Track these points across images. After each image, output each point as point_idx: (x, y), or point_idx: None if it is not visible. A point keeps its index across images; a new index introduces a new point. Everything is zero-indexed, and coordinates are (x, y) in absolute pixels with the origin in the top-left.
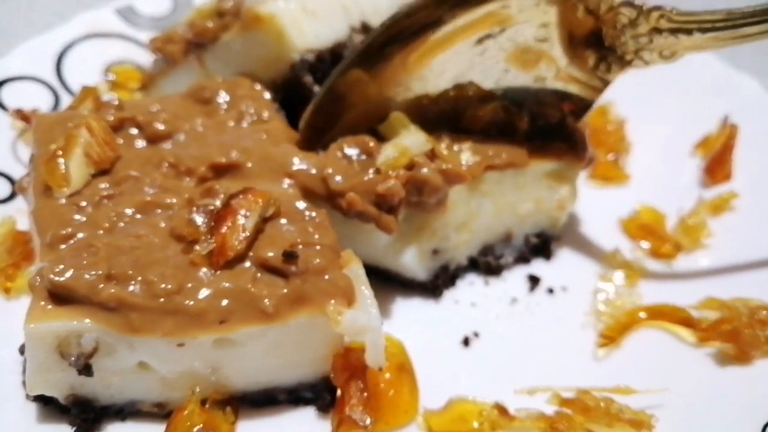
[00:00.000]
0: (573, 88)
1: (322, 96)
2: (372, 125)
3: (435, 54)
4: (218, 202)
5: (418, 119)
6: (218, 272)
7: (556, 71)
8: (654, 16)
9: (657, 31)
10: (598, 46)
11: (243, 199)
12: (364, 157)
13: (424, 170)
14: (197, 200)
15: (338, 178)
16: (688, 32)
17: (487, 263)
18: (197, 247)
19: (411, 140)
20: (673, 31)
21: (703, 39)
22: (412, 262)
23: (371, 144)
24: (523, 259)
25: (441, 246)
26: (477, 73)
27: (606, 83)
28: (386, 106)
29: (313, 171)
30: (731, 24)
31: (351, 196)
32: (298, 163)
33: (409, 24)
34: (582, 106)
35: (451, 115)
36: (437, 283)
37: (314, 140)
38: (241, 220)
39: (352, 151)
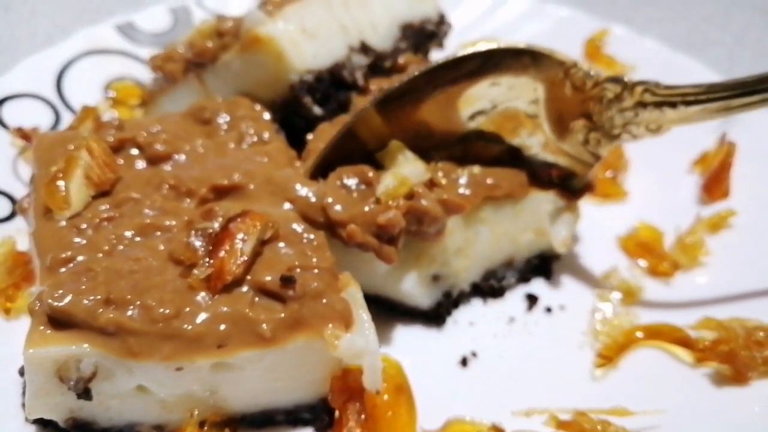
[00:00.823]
0: (562, 161)
1: (341, 135)
2: (370, 152)
3: (437, 113)
4: (217, 225)
5: (416, 147)
6: (216, 296)
7: (545, 143)
8: (638, 91)
9: (642, 105)
10: (586, 122)
11: (241, 223)
12: (363, 186)
13: (424, 201)
14: (196, 223)
15: (338, 207)
16: (672, 105)
17: (490, 287)
18: (195, 271)
19: (410, 170)
20: (658, 105)
21: (687, 112)
22: (413, 289)
23: (370, 174)
24: (524, 279)
25: (441, 272)
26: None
27: (597, 158)
28: (387, 136)
29: (313, 199)
30: (714, 97)
31: (351, 228)
32: (299, 190)
33: (413, 86)
34: (570, 174)
35: (450, 144)
36: (440, 311)
37: (322, 174)
38: (239, 244)
39: (351, 181)
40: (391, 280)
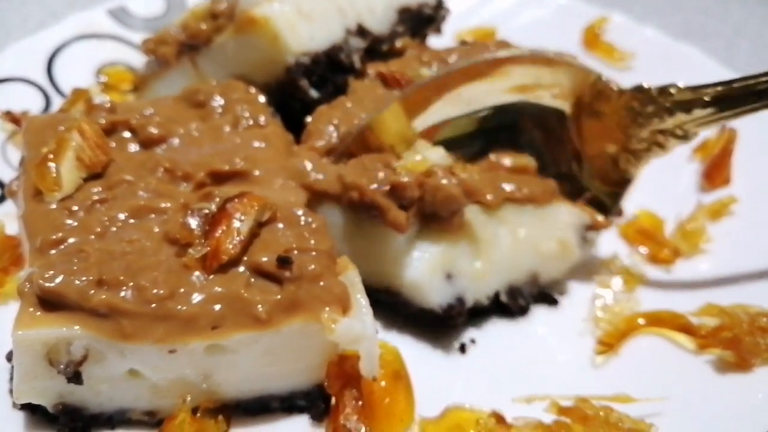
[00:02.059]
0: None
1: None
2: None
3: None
4: (213, 206)
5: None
6: (211, 277)
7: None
8: (662, 94)
9: (668, 110)
10: (614, 140)
11: (238, 203)
12: (381, 166)
13: (442, 180)
14: (193, 204)
15: (352, 176)
16: (703, 105)
17: (520, 307)
18: (191, 251)
19: (431, 153)
20: (685, 107)
21: (714, 111)
22: (423, 280)
23: (392, 161)
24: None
25: (455, 270)
26: None
27: (627, 181)
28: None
29: (330, 172)
30: (742, 92)
31: (362, 186)
32: (314, 165)
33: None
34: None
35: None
36: (451, 314)
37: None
38: (236, 224)
39: (371, 163)
40: (401, 267)
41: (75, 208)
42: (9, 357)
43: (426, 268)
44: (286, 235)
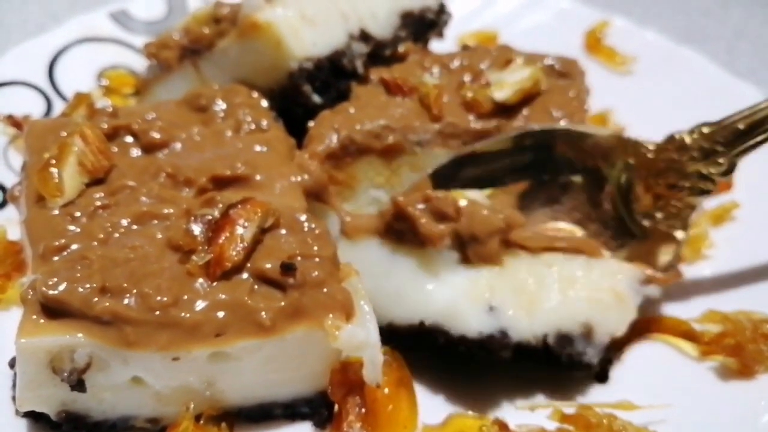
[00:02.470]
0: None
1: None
2: None
3: None
4: (217, 213)
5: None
6: (214, 284)
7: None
8: (696, 136)
9: (707, 151)
10: (659, 194)
11: (242, 209)
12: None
13: (483, 210)
14: (195, 211)
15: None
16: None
17: (569, 356)
18: (194, 257)
19: (469, 192)
20: (725, 142)
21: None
22: (463, 307)
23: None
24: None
25: (498, 303)
26: None
27: (683, 227)
28: None
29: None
30: None
31: (398, 200)
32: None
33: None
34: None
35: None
36: (493, 344)
37: None
38: (239, 231)
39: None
40: (439, 295)
41: (77, 214)
42: (12, 364)
43: (466, 295)
44: (290, 242)
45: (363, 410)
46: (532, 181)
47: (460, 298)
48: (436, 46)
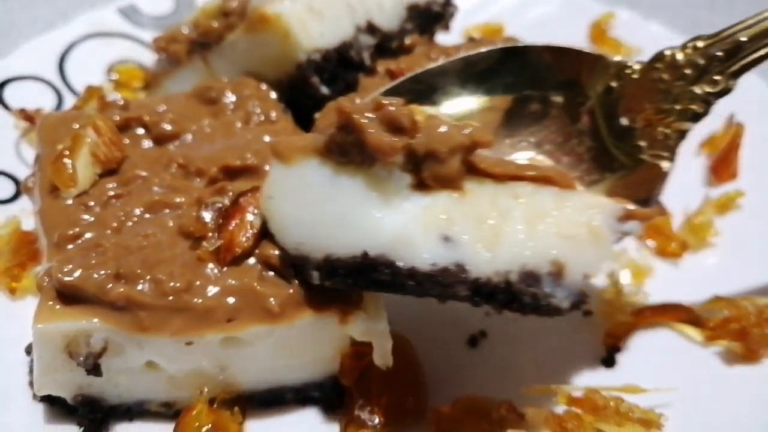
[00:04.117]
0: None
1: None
2: None
3: None
4: (227, 201)
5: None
6: (225, 269)
7: None
8: (691, 51)
9: (701, 67)
10: (646, 117)
11: (251, 197)
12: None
13: (443, 127)
14: (207, 198)
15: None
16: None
17: (533, 296)
18: (205, 243)
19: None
20: (724, 56)
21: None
22: (413, 236)
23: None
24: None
25: (454, 234)
26: None
27: (670, 156)
28: None
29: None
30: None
31: (344, 107)
32: None
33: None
34: None
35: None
36: (448, 277)
37: None
38: (249, 217)
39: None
40: (387, 223)
41: (91, 203)
42: (28, 350)
43: (418, 223)
44: None
45: (373, 395)
46: (505, 106)
47: (410, 225)
48: (442, 38)
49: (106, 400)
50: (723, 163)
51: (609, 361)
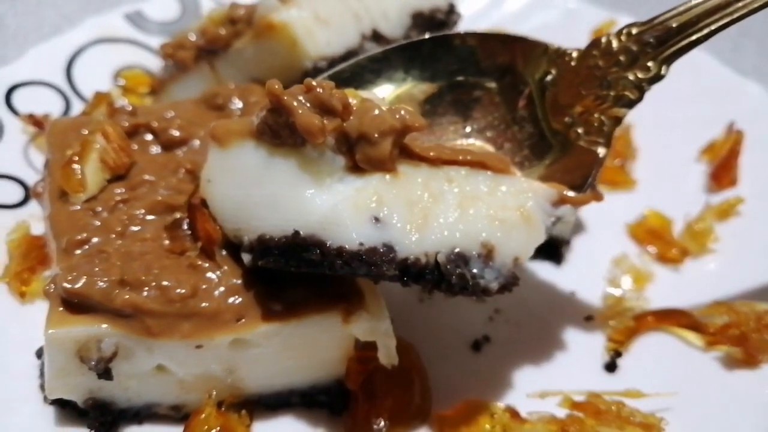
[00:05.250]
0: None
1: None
2: None
3: None
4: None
5: None
6: (225, 267)
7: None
8: (624, 37)
9: (634, 53)
10: (582, 104)
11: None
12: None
13: (375, 110)
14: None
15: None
16: (670, 33)
17: (461, 277)
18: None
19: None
20: (655, 42)
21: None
22: (343, 216)
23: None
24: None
25: (385, 216)
26: None
27: (606, 143)
28: None
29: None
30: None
31: (274, 88)
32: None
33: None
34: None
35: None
36: (374, 258)
37: None
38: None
39: None
40: (318, 203)
41: (99, 208)
42: (39, 354)
43: (349, 204)
44: None
45: (378, 399)
46: (449, 93)
47: (341, 206)
48: None
49: (116, 403)
50: (723, 169)
51: (611, 366)
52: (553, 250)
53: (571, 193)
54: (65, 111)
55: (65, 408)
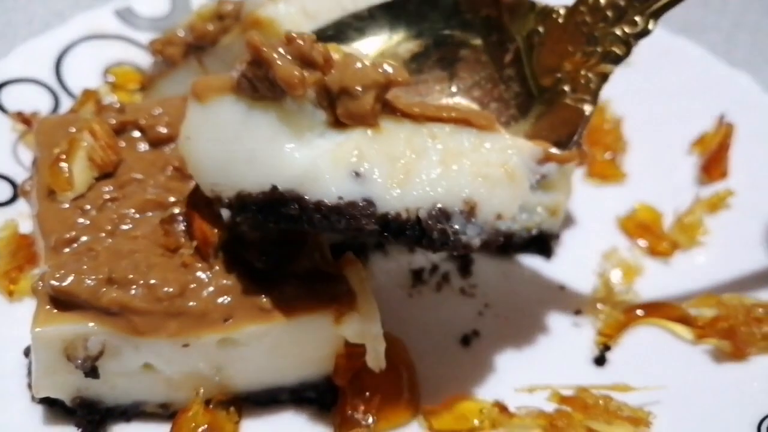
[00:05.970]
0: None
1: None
2: None
3: None
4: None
5: None
6: (216, 268)
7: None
8: None
9: (624, 8)
10: (569, 61)
11: None
12: None
13: (359, 63)
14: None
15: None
16: None
17: (442, 232)
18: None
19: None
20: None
21: None
22: (322, 170)
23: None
24: (503, 249)
25: (365, 171)
26: None
27: (593, 100)
28: None
29: None
30: None
31: (255, 40)
32: None
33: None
34: None
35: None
36: (354, 211)
37: None
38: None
39: None
40: (297, 157)
41: (87, 206)
42: (26, 352)
43: (329, 158)
44: None
45: (366, 394)
46: (436, 51)
47: (320, 160)
48: None
49: (104, 401)
50: (714, 162)
51: (600, 360)
52: (542, 244)
53: (556, 151)
54: (54, 108)
55: (53, 406)
